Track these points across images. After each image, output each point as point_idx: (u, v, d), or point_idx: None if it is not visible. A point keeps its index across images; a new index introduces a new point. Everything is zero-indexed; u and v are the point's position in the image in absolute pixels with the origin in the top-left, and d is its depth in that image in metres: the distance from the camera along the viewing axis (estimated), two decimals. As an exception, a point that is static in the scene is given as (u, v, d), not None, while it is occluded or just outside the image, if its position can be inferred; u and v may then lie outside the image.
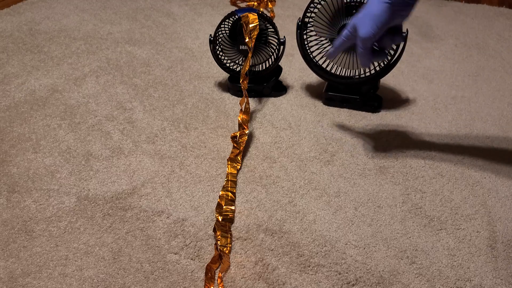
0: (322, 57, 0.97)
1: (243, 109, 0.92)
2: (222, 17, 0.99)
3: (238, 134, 0.89)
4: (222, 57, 1.03)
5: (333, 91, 1.00)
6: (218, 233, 0.69)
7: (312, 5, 0.93)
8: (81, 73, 1.14)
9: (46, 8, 1.51)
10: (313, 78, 1.11)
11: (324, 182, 0.80)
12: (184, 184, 0.80)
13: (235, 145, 0.87)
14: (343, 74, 0.97)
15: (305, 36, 0.97)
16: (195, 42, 1.30)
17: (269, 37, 1.00)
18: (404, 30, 0.89)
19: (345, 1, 0.89)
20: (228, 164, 0.83)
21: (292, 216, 0.73)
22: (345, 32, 0.72)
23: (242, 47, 1.00)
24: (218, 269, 0.65)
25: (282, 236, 0.70)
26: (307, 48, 0.98)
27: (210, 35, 1.01)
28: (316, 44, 0.96)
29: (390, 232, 0.71)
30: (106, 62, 1.19)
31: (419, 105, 1.01)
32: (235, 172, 0.82)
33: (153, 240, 0.69)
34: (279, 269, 0.65)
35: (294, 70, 1.16)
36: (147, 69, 1.16)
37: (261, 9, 1.48)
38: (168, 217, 0.73)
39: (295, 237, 0.70)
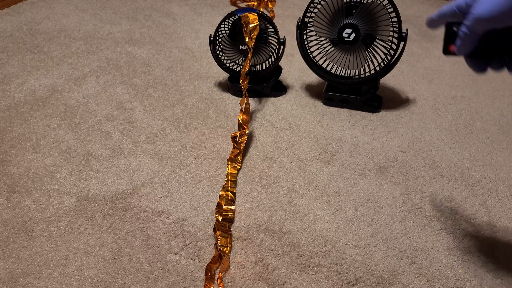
0: (322, 57, 0.97)
1: (243, 109, 0.92)
2: (222, 17, 0.99)
3: (238, 134, 0.89)
4: (222, 57, 1.03)
5: (333, 91, 1.00)
6: (218, 233, 0.69)
7: (312, 5, 0.93)
8: (81, 73, 1.14)
9: (46, 8, 1.51)
10: (313, 78, 1.11)
11: (324, 182, 0.80)
12: (184, 184, 0.80)
13: (235, 145, 0.87)
14: (343, 74, 0.97)
15: (305, 36, 0.97)
16: (195, 42, 1.30)
17: (269, 37, 1.00)
18: (404, 29, 0.89)
19: (345, 1, 0.89)
20: (228, 164, 0.83)
21: (292, 216, 0.73)
22: (458, 1, 0.50)
23: (242, 47, 1.00)
24: (218, 269, 0.65)
25: (282, 236, 0.70)
26: (307, 48, 0.98)
27: (210, 35, 1.01)
28: (316, 44, 0.96)
29: (390, 232, 0.71)
30: (106, 62, 1.19)
31: (419, 105, 1.01)
32: (235, 172, 0.82)
33: (153, 240, 0.69)
34: (279, 269, 0.65)
35: (294, 70, 1.16)
36: (147, 69, 1.16)
37: (261, 9, 1.48)
38: (168, 217, 0.73)
39: (295, 237, 0.70)
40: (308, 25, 0.95)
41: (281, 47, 1.00)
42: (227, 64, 1.04)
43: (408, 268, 0.65)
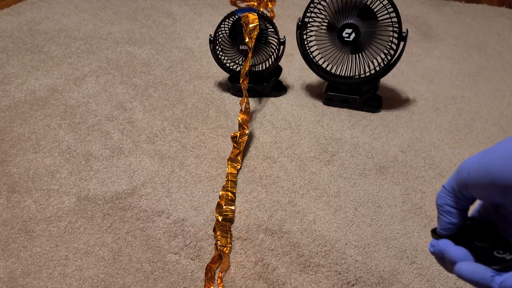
0: (322, 57, 0.97)
1: (243, 109, 0.92)
2: (222, 17, 0.99)
3: (238, 134, 0.89)
4: (222, 57, 1.03)
5: (333, 91, 1.00)
6: (218, 233, 0.69)
7: (312, 5, 0.93)
8: (81, 73, 1.14)
9: (46, 8, 1.51)
10: (313, 78, 1.11)
11: (324, 182, 0.80)
12: (184, 184, 0.80)
13: (235, 145, 0.87)
14: (343, 74, 0.97)
15: (305, 36, 0.97)
16: (195, 42, 1.30)
17: (269, 37, 1.00)
18: (404, 29, 0.89)
19: (345, 1, 0.89)
20: (228, 164, 0.83)
21: (292, 216, 0.73)
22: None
23: (242, 47, 1.00)
24: (218, 269, 0.65)
25: (282, 236, 0.70)
26: (307, 48, 0.98)
27: (210, 35, 1.01)
28: (316, 44, 0.96)
29: (390, 232, 0.71)
30: (106, 62, 1.19)
31: (419, 105, 1.01)
32: (235, 172, 0.82)
33: (153, 240, 0.69)
34: (279, 269, 0.65)
35: (294, 70, 1.16)
36: (147, 69, 1.16)
37: (261, 9, 1.48)
38: (168, 217, 0.73)
39: (295, 237, 0.70)
40: (308, 25, 0.95)
41: (281, 47, 1.00)
42: (227, 64, 1.04)
43: (408, 268, 0.65)
